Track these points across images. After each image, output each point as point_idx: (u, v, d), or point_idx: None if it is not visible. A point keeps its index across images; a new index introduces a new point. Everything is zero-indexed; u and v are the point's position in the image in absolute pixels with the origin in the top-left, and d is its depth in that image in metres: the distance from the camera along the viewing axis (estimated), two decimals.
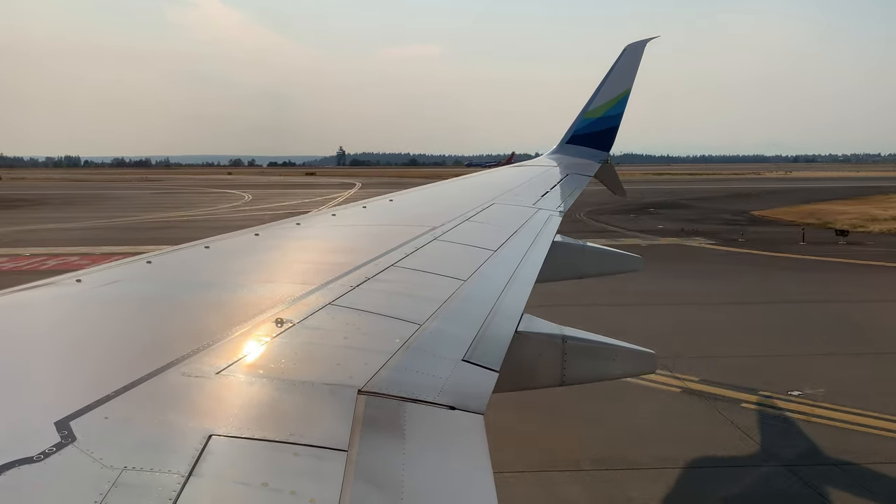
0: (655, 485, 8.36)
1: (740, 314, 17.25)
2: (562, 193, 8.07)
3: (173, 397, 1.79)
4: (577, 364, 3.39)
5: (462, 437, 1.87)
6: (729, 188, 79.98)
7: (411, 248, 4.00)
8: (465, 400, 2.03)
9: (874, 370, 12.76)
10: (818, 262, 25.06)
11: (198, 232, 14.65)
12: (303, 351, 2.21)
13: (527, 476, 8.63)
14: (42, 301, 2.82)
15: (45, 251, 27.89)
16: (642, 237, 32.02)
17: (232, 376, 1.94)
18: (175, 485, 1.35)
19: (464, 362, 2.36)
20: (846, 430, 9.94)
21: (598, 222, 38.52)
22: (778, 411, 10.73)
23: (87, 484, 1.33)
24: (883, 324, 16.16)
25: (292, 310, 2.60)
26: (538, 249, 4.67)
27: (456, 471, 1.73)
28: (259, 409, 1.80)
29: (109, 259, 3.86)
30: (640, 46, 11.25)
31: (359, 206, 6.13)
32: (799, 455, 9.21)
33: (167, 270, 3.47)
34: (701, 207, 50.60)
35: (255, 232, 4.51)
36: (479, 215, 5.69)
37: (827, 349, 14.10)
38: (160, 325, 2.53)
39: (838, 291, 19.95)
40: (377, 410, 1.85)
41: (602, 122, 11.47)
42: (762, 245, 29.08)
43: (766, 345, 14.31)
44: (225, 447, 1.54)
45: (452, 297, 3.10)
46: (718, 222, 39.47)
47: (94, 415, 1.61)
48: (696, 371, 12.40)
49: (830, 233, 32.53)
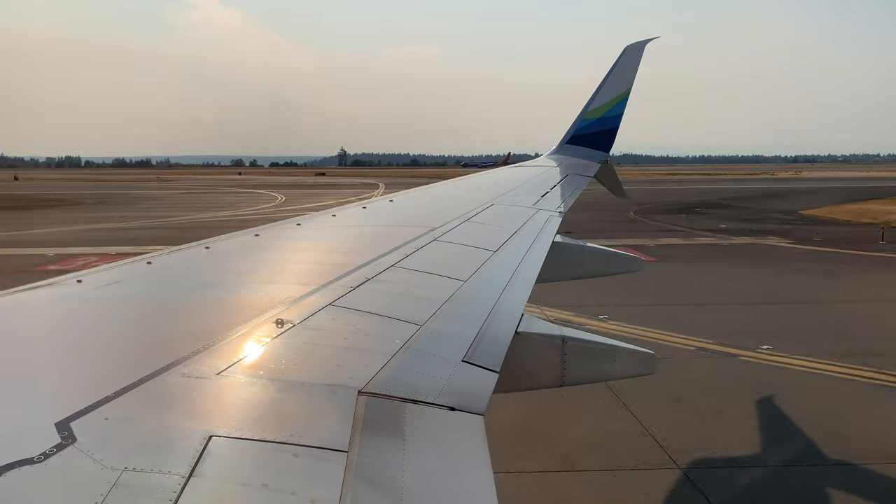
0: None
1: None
2: (562, 194, 8.07)
3: (174, 398, 1.80)
4: (577, 365, 3.39)
5: (462, 437, 1.87)
6: (756, 188, 78.74)
7: (411, 249, 4.01)
8: (466, 401, 2.03)
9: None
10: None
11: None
12: (303, 352, 2.21)
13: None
14: (43, 301, 2.82)
15: (129, 250, 26.67)
16: (714, 237, 31.40)
17: (232, 377, 1.95)
18: (175, 486, 1.36)
19: (464, 363, 2.36)
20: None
21: (654, 221, 38.31)
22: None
23: (87, 485, 1.33)
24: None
25: (293, 310, 2.61)
26: (538, 250, 4.67)
27: (456, 471, 1.73)
28: (259, 410, 1.80)
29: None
30: (639, 47, 11.26)
31: (359, 207, 6.14)
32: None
33: (168, 271, 3.47)
34: (745, 207, 49.67)
35: (256, 233, 4.52)
36: (479, 216, 5.69)
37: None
38: (161, 325, 2.53)
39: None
40: (377, 411, 1.86)
41: (602, 122, 11.48)
42: (842, 244, 28.29)
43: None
44: (225, 448, 1.54)
45: (452, 298, 3.10)
46: (776, 222, 38.82)
47: (95, 416, 1.61)
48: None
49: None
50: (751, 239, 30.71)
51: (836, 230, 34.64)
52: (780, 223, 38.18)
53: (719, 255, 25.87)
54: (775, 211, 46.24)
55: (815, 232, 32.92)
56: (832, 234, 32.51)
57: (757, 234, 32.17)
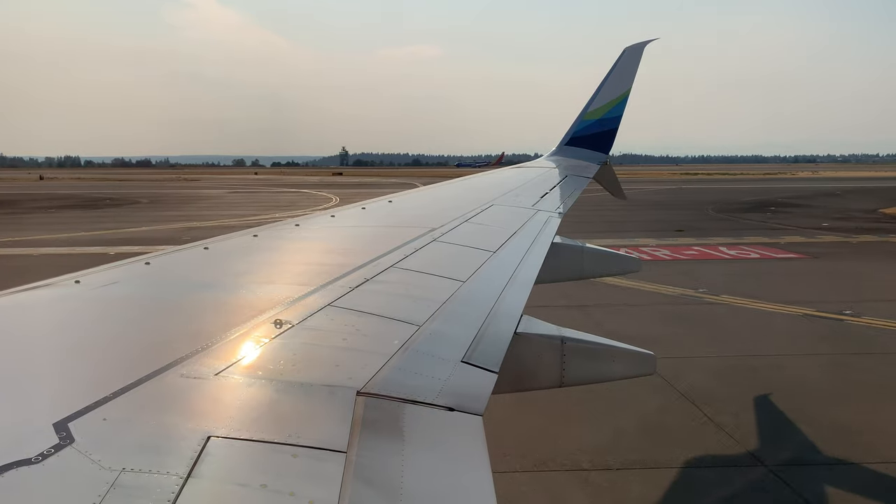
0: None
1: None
2: (561, 195, 8.08)
3: (172, 398, 1.79)
4: (576, 365, 3.39)
5: (461, 438, 1.87)
6: (800, 188, 77.42)
7: (410, 250, 4.00)
8: (464, 401, 2.03)
9: None
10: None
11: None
12: (302, 352, 2.21)
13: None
14: (40, 302, 2.82)
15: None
16: (834, 234, 31.21)
17: (231, 377, 1.94)
18: (174, 486, 1.35)
19: (463, 363, 2.36)
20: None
21: (747, 220, 38.42)
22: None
23: (85, 485, 1.33)
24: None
25: (291, 311, 2.60)
26: (537, 250, 4.67)
27: (455, 472, 1.73)
28: (258, 411, 1.80)
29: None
30: (639, 48, 11.28)
31: (358, 208, 6.14)
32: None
33: (166, 271, 3.47)
34: (819, 206, 49.22)
35: (254, 233, 4.52)
36: (478, 216, 5.69)
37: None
38: (159, 326, 2.53)
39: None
40: (376, 412, 1.85)
41: (601, 123, 11.50)
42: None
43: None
44: (224, 448, 1.54)
45: (451, 299, 3.10)
46: (868, 220, 38.63)
47: (93, 416, 1.60)
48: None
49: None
50: (871, 237, 30.49)
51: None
52: (874, 221, 37.97)
53: (870, 253, 25.74)
54: (855, 210, 45.92)
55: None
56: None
57: (870, 232, 31.90)
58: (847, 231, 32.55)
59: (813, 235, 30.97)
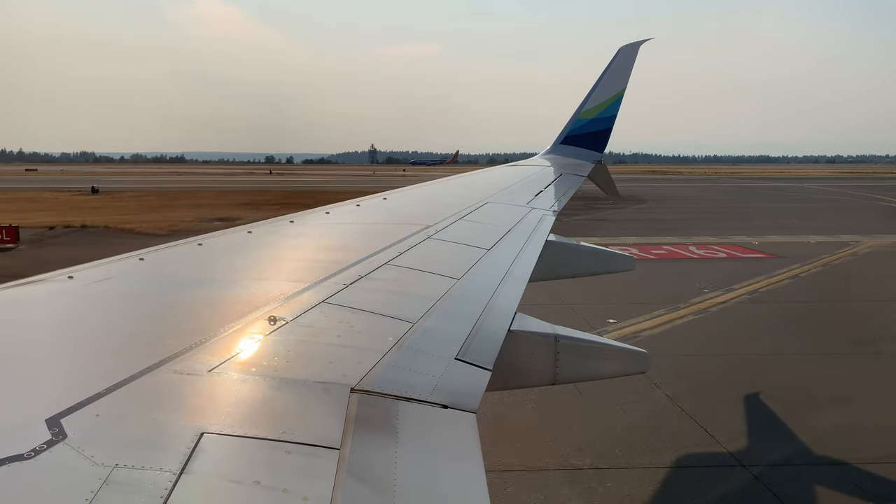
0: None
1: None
2: (555, 193, 8.09)
3: (165, 395, 1.79)
4: (569, 363, 3.39)
5: (454, 435, 1.87)
6: (856, 185, 78.49)
7: (405, 247, 4.00)
8: (458, 398, 2.03)
9: None
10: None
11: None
12: (296, 349, 2.20)
13: None
14: (33, 297, 2.80)
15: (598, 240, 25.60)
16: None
17: (224, 374, 1.94)
18: (166, 482, 1.35)
19: (457, 361, 2.36)
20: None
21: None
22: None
23: (77, 482, 1.32)
24: None
25: (285, 307, 2.60)
26: (531, 248, 4.68)
27: (448, 469, 1.73)
28: (251, 407, 1.79)
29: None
30: (633, 48, 11.29)
31: (353, 205, 6.13)
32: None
33: (160, 267, 3.45)
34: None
35: (248, 230, 4.51)
36: (472, 214, 5.69)
37: None
38: (152, 322, 2.52)
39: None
40: (370, 409, 1.85)
41: (596, 122, 11.51)
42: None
43: None
44: (217, 445, 1.54)
45: (446, 296, 3.10)
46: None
47: (86, 412, 1.60)
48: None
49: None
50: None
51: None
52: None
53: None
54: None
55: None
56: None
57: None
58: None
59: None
